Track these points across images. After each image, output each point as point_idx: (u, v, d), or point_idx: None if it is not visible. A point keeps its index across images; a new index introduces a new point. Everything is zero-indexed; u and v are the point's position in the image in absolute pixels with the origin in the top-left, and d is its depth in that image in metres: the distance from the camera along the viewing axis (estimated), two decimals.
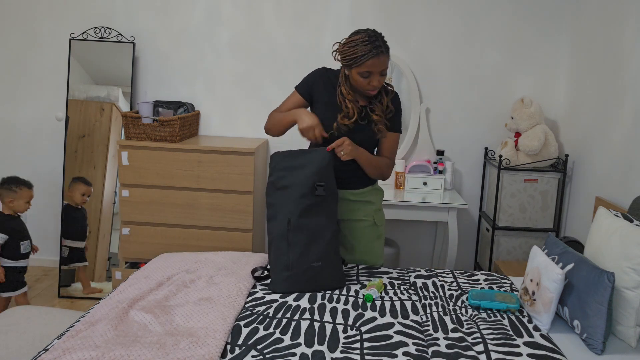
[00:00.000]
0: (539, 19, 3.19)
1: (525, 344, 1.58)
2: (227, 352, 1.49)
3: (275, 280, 1.92)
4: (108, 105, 3.33)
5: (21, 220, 2.80)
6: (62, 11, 3.38)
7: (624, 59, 2.51)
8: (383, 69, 1.91)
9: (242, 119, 3.42)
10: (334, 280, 1.94)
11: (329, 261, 1.92)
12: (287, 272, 1.90)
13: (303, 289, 1.90)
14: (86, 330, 1.54)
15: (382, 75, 1.93)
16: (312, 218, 1.91)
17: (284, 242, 1.91)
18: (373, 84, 1.92)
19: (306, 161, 1.93)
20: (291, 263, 1.89)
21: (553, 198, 3.05)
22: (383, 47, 1.88)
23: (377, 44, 1.86)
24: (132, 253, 3.07)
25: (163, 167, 2.96)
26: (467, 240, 3.49)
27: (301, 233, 1.90)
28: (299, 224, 1.90)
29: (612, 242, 1.77)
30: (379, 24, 3.25)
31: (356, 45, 1.87)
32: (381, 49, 1.87)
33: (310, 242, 1.90)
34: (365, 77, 1.91)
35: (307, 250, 1.89)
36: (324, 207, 1.93)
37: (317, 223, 1.91)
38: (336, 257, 1.96)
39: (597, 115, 2.76)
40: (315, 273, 1.90)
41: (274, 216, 1.95)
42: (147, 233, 3.03)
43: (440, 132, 3.36)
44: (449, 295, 1.93)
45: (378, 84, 1.93)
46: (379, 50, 1.86)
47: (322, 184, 1.91)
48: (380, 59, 1.87)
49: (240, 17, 3.32)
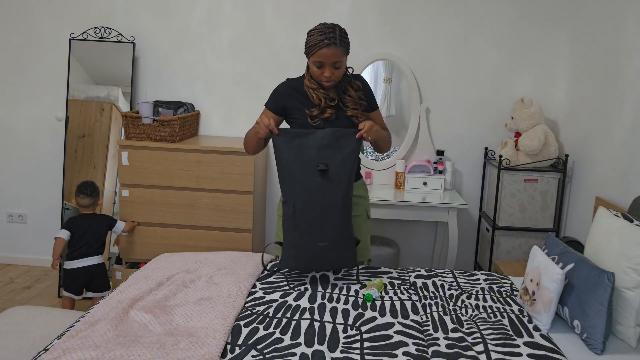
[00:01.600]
0: (539, 19, 3.19)
1: (525, 344, 1.58)
2: (227, 352, 1.49)
3: (285, 258, 1.98)
4: (108, 105, 3.33)
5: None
6: (62, 11, 3.38)
7: (624, 59, 2.51)
8: (335, 60, 1.94)
9: (242, 119, 3.42)
10: (342, 260, 1.96)
11: (336, 241, 1.93)
12: (295, 251, 1.94)
13: (310, 268, 1.96)
14: (86, 330, 1.54)
15: (336, 69, 1.96)
16: (319, 199, 1.91)
17: (292, 221, 1.94)
18: (325, 75, 1.96)
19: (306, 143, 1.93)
20: (298, 242, 1.94)
21: (553, 198, 3.05)
22: (337, 39, 1.91)
23: (330, 35, 1.91)
24: (132, 253, 3.07)
25: (163, 167, 2.96)
26: (467, 240, 3.49)
27: (308, 214, 1.92)
28: (306, 206, 1.92)
29: (612, 242, 1.77)
30: (379, 24, 3.25)
31: (312, 35, 1.95)
32: (333, 40, 1.90)
33: (317, 222, 1.92)
34: (318, 67, 1.96)
35: (313, 230, 1.92)
36: (331, 187, 1.92)
37: (324, 204, 1.92)
38: (345, 236, 1.96)
39: (597, 115, 2.76)
40: (322, 253, 1.92)
41: (284, 197, 1.99)
42: (147, 233, 3.03)
43: (440, 132, 3.36)
44: (449, 295, 1.93)
45: (329, 75, 1.96)
46: (331, 41, 1.90)
47: (324, 162, 1.91)
48: (331, 49, 1.91)
49: (240, 18, 3.32)
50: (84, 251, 2.78)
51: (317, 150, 1.92)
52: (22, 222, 3.65)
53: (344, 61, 1.98)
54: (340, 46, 1.93)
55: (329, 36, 1.90)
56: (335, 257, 1.95)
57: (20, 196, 3.62)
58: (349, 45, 1.99)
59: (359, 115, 2.06)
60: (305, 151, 1.92)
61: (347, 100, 2.06)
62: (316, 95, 2.03)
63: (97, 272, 2.82)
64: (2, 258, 3.71)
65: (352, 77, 2.11)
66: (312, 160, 1.91)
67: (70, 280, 2.79)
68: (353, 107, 2.05)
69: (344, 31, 1.97)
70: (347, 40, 1.97)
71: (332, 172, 1.92)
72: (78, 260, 2.77)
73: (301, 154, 1.92)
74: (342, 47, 1.94)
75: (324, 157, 1.92)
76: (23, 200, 3.62)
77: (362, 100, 2.10)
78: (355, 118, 2.05)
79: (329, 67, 1.95)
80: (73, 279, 2.78)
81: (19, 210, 3.65)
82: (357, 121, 2.04)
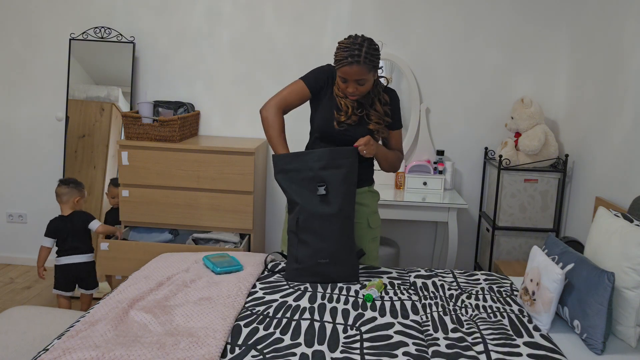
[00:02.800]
0: (539, 19, 3.19)
1: (525, 344, 1.57)
2: (227, 352, 1.49)
3: (288, 269, 2.01)
4: (108, 105, 3.34)
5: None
6: (62, 11, 3.38)
7: (624, 59, 2.51)
8: (357, 78, 1.90)
9: (242, 119, 3.42)
10: (343, 276, 1.97)
11: (337, 258, 1.95)
12: (296, 265, 1.97)
13: (312, 281, 1.97)
14: (86, 330, 1.54)
15: (360, 85, 1.92)
16: (319, 219, 1.93)
17: (295, 237, 1.97)
18: (348, 90, 1.94)
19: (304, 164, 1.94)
20: (299, 257, 1.96)
21: (553, 198, 3.05)
22: (361, 57, 1.85)
23: (355, 53, 1.85)
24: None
25: (163, 167, 2.96)
26: (467, 240, 3.48)
27: (309, 232, 1.94)
28: (307, 224, 1.94)
29: (612, 242, 1.77)
30: (379, 24, 3.25)
31: (339, 48, 1.90)
32: (357, 59, 1.85)
33: (318, 240, 1.93)
34: (343, 81, 1.93)
35: (314, 247, 1.94)
36: (331, 207, 1.93)
37: (325, 222, 1.93)
38: (346, 253, 1.97)
39: (597, 115, 2.75)
40: (323, 268, 1.95)
41: (289, 210, 2.01)
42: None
43: (440, 132, 3.36)
44: (449, 295, 1.93)
45: (353, 91, 1.94)
46: (354, 59, 1.85)
47: (323, 185, 1.92)
48: (353, 68, 1.86)
49: (240, 17, 3.32)
50: (71, 250, 2.81)
51: (316, 172, 1.92)
52: (22, 222, 3.66)
53: (370, 78, 1.93)
54: (364, 64, 1.86)
55: (353, 54, 1.85)
56: (337, 272, 1.97)
57: (20, 196, 3.62)
58: (378, 61, 1.92)
59: (381, 130, 2.04)
60: (305, 173, 1.93)
61: (372, 113, 2.03)
62: (344, 103, 2.01)
63: (85, 269, 2.83)
64: (2, 258, 3.71)
65: (381, 90, 2.06)
66: (311, 182, 1.92)
67: (59, 276, 2.82)
68: (376, 122, 2.03)
69: (373, 47, 1.90)
70: (374, 57, 1.89)
71: (332, 193, 1.92)
72: (66, 257, 2.80)
73: (300, 176, 1.94)
74: (367, 65, 1.87)
75: (323, 178, 1.92)
76: (23, 200, 3.63)
77: (388, 116, 2.06)
78: (377, 132, 2.03)
79: (352, 83, 1.91)
80: (62, 275, 2.81)
81: (19, 210, 3.65)
82: (378, 136, 2.04)
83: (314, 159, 1.94)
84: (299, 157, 1.96)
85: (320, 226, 1.93)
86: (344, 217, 1.96)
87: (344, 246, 1.96)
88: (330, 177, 1.93)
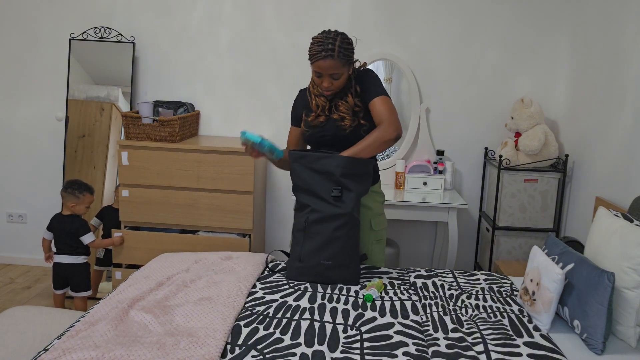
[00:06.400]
0: (539, 19, 3.19)
1: (525, 344, 1.57)
2: (227, 352, 1.49)
3: (289, 267, 2.02)
4: (108, 105, 3.34)
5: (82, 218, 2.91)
6: (62, 11, 3.38)
7: (624, 59, 2.51)
8: (332, 72, 1.90)
9: (242, 119, 3.42)
10: (343, 279, 1.97)
11: (339, 262, 1.95)
12: (298, 263, 1.98)
13: (312, 280, 1.97)
14: (86, 330, 1.54)
15: (335, 79, 1.92)
16: (329, 219, 1.93)
17: (301, 235, 1.98)
18: (324, 85, 1.94)
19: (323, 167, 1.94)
20: (302, 256, 1.97)
21: (553, 198, 3.05)
22: (335, 51, 1.86)
23: (329, 47, 1.86)
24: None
25: (163, 167, 2.96)
26: (467, 240, 3.49)
27: (316, 234, 1.95)
28: (315, 227, 1.94)
29: (612, 242, 1.77)
30: (379, 24, 3.25)
31: (313, 43, 1.92)
32: (331, 52, 1.85)
33: (323, 242, 1.94)
34: (318, 76, 1.93)
35: (319, 249, 1.94)
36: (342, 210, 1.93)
37: (333, 224, 1.93)
38: (349, 258, 1.96)
39: (597, 115, 2.75)
40: (325, 270, 1.95)
41: (297, 209, 2.02)
42: (147, 233, 3.03)
43: (440, 132, 3.36)
44: (449, 295, 1.93)
45: (328, 86, 1.93)
46: (327, 53, 1.85)
47: (339, 187, 1.92)
48: (327, 62, 1.87)
49: (240, 17, 3.32)
50: (64, 249, 2.84)
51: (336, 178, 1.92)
52: (22, 222, 3.66)
53: (344, 72, 1.92)
54: (338, 58, 1.87)
55: (327, 47, 1.86)
56: (338, 274, 1.96)
57: (20, 196, 3.62)
58: (352, 55, 1.93)
59: (347, 118, 1.99)
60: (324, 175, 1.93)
61: (340, 104, 2.00)
62: (315, 102, 2.03)
63: (74, 271, 2.85)
64: (2, 258, 3.71)
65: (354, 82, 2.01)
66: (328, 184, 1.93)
67: (53, 273, 2.87)
68: (343, 112, 1.99)
69: (346, 41, 1.90)
70: (347, 51, 1.90)
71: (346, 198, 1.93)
72: (58, 256, 2.85)
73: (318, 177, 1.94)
74: (341, 59, 1.87)
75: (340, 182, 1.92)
76: (23, 200, 3.63)
77: (358, 106, 2.02)
78: (341, 120, 1.99)
79: (327, 78, 1.92)
80: (54, 272, 2.87)
81: (19, 210, 3.65)
82: (343, 124, 1.99)
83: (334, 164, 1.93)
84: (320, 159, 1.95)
85: (328, 228, 1.93)
86: (353, 222, 1.95)
87: (349, 251, 1.96)
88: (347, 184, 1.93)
